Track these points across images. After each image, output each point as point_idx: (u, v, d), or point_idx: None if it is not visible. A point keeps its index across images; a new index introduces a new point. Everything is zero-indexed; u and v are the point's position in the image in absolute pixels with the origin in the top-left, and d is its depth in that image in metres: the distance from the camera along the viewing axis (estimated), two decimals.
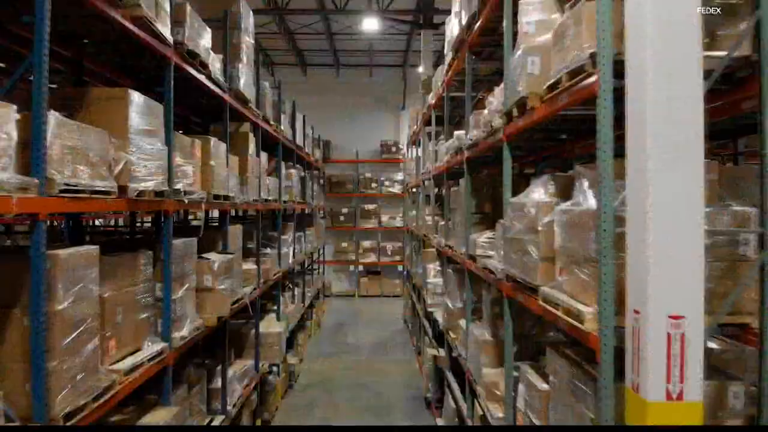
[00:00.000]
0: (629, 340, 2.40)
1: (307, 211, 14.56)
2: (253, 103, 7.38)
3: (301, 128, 12.22)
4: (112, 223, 16.74)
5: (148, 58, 4.80)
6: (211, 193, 5.40)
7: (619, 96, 2.48)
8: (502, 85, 4.34)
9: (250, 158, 7.08)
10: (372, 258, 19.94)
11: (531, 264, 3.45)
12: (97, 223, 15.36)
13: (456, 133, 6.29)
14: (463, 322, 6.30)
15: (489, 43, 6.19)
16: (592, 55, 2.55)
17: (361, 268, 20.13)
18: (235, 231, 6.62)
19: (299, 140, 11.64)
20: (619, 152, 2.52)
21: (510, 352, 4.22)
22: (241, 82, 6.50)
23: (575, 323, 2.69)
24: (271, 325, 8.48)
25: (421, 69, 17.74)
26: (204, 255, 5.48)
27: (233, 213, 13.12)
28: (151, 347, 4.29)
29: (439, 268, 8.53)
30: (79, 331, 3.18)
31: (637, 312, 2.34)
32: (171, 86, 4.47)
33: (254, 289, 7.41)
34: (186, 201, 4.67)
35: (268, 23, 15.46)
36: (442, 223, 8.00)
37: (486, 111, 4.78)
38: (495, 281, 4.50)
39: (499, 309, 5.20)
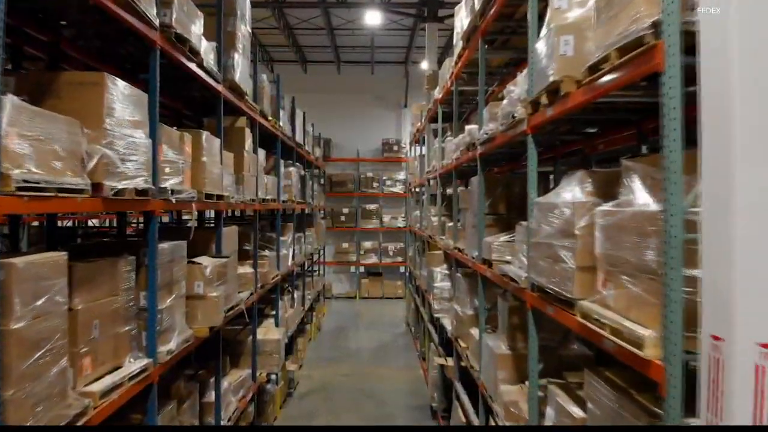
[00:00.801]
0: (705, 371, 1.95)
1: (307, 212, 14.11)
2: (250, 96, 6.93)
3: (301, 125, 11.77)
4: (107, 224, 16.29)
5: (132, 42, 4.35)
6: (203, 191, 4.95)
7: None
8: (525, 72, 3.89)
9: (246, 155, 6.63)
10: (373, 259, 19.52)
11: (565, 273, 3.00)
12: (91, 224, 14.92)
13: (468, 127, 5.85)
14: (475, 331, 5.86)
15: (503, 29, 5.75)
16: (655, 24, 2.10)
17: (362, 269, 19.74)
18: (231, 233, 6.17)
19: (299, 137, 11.18)
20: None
21: (535, 369, 3.77)
22: (237, 73, 6.05)
23: (630, 348, 2.24)
24: (269, 332, 8.03)
25: (425, 65, 17.31)
26: (195, 259, 5.04)
27: (230, 213, 12.72)
28: (134, 364, 3.84)
29: (446, 271, 8.09)
30: (42, 351, 2.73)
31: (716, 338, 1.89)
32: (156, 73, 4.02)
33: (251, 294, 6.97)
34: (174, 201, 4.22)
35: (267, 17, 15.01)
36: (450, 224, 7.55)
37: (505, 101, 4.34)
38: (516, 290, 4.05)
39: (518, 319, 4.76)
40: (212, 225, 8.61)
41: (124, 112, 3.57)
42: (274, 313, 8.98)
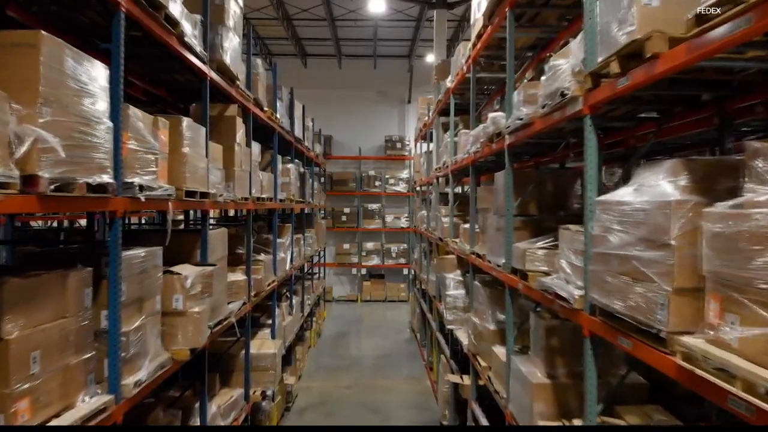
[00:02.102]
0: None
1: (306, 211, 13.33)
2: (243, 83, 6.16)
3: (300, 119, 10.98)
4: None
5: (94, 6, 3.59)
6: (183, 188, 4.18)
7: None
8: (579, 39, 3.12)
9: (238, 148, 5.86)
10: (375, 261, 18.76)
11: (652, 296, 2.23)
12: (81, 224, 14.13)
13: (491, 115, 5.07)
14: (499, 350, 5.09)
15: (533, 2, 4.98)
16: None
17: (363, 271, 19.00)
18: (219, 236, 5.40)
19: (298, 132, 10.40)
20: None
21: (594, 410, 3.00)
22: (226, 53, 5.28)
23: None
24: (264, 345, 7.25)
25: (431, 57, 16.56)
26: (174, 268, 4.27)
27: (223, 213, 11.93)
28: (89, 403, 3.07)
29: (459, 278, 7.31)
30: None
31: None
32: (120, 41, 3.25)
33: (243, 304, 6.20)
34: (142, 198, 3.45)
35: (265, 7, 14.23)
36: (466, 226, 6.78)
37: (546, 78, 3.57)
38: (566, 311, 3.28)
39: (559, 341, 4.00)
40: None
41: (74, 85, 2.80)
42: (270, 322, 8.21)
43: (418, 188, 14.62)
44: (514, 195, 4.58)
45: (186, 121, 4.34)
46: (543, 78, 3.63)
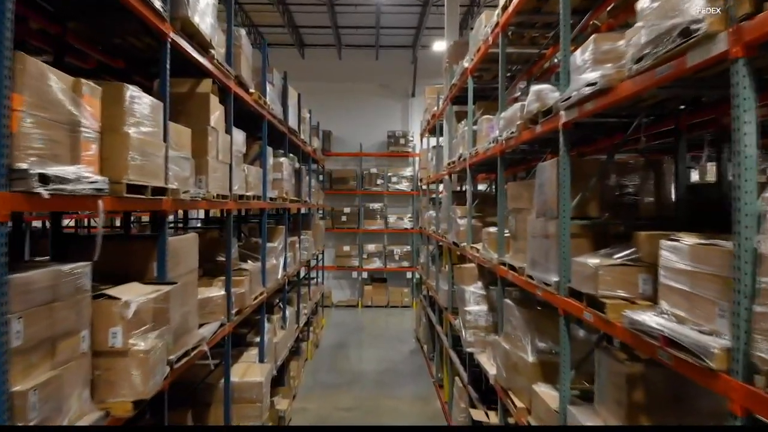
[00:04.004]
0: None
1: (303, 211, 12.19)
2: (221, 56, 5.03)
3: (296, 108, 9.83)
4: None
5: None
6: (123, 181, 3.04)
7: None
8: None
9: (213, 134, 4.72)
10: (377, 263, 17.64)
11: None
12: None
13: (535, 88, 3.93)
14: (543, 391, 3.96)
15: None
16: None
17: (365, 274, 17.90)
18: (187, 243, 4.27)
19: (292, 122, 9.24)
20: None
21: None
22: (194, 11, 4.15)
23: None
24: (250, 371, 6.10)
25: (439, 45, 15.45)
26: (112, 291, 3.13)
27: (206, 214, 10.73)
28: None
29: (481, 291, 6.18)
30: None
31: None
32: None
33: (221, 326, 5.06)
34: (45, 194, 2.30)
35: None
36: (490, 230, 5.64)
37: (639, 22, 2.44)
38: (688, 367, 2.13)
39: (645, 396, 2.86)
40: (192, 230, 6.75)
41: None
42: (258, 339, 7.07)
43: (424, 186, 13.48)
44: (572, 191, 3.44)
45: (130, 91, 3.20)
46: (638, 21, 2.49)
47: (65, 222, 9.48)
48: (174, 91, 4.51)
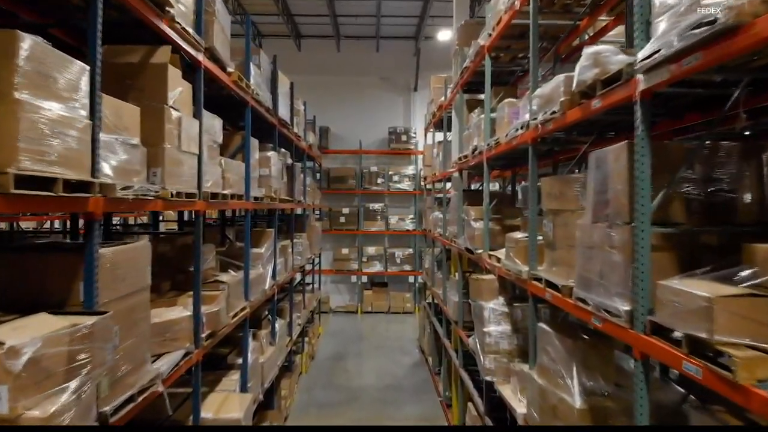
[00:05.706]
0: None
1: (297, 212, 11.22)
2: (188, 22, 4.05)
3: (287, 97, 8.85)
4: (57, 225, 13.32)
5: None
6: (9, 171, 2.06)
7: None
8: None
9: (172, 114, 3.73)
10: (377, 267, 16.67)
11: None
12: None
13: (589, 51, 2.95)
14: None
15: None
16: None
17: (364, 278, 16.91)
18: (129, 256, 3.28)
19: (284, 113, 8.25)
20: None
21: None
22: None
23: None
24: (227, 404, 5.09)
25: (444, 34, 14.46)
26: None
27: (189, 215, 9.67)
28: None
29: (503, 308, 5.19)
30: None
31: None
32: None
33: (186, 355, 4.08)
34: None
35: None
36: (520, 236, 4.65)
37: None
38: None
39: None
40: (187, 232, 5.81)
41: None
42: (240, 361, 6.08)
43: (428, 185, 12.50)
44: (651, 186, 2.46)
45: (28, 42, 2.22)
46: None
47: None
48: (121, 61, 3.55)
